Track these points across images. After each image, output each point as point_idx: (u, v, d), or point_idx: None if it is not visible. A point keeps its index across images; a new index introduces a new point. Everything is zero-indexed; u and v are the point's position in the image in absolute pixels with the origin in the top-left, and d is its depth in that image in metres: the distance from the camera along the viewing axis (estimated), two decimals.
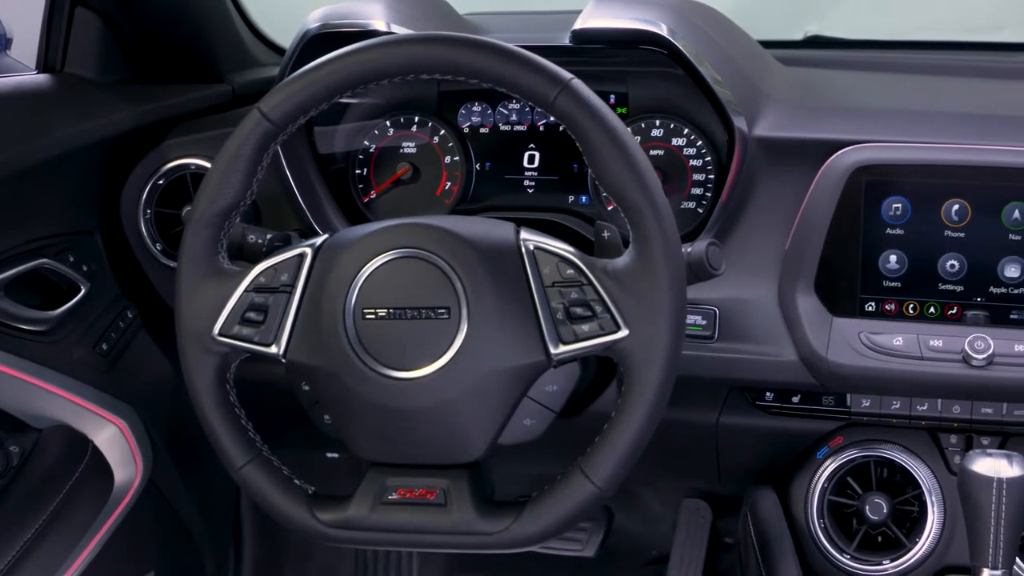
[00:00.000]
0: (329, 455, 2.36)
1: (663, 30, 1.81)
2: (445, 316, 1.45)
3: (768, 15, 2.90)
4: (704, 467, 2.07)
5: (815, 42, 2.49)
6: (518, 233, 1.51)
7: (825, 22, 2.81)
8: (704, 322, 1.83)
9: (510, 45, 1.46)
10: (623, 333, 1.43)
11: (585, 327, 1.44)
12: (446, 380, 1.45)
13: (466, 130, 2.02)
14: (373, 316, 1.47)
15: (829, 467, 1.91)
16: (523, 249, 1.48)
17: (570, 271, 1.46)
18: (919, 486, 1.87)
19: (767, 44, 2.15)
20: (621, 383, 1.46)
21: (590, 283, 1.45)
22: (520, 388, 1.48)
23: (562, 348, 1.45)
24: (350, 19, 1.91)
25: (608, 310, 1.44)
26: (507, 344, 1.45)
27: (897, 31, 2.78)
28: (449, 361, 1.45)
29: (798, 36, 2.51)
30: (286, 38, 2.00)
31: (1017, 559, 1.82)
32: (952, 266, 1.76)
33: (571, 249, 1.48)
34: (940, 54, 2.39)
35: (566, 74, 1.46)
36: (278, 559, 2.61)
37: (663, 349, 1.42)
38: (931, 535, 1.86)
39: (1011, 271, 1.75)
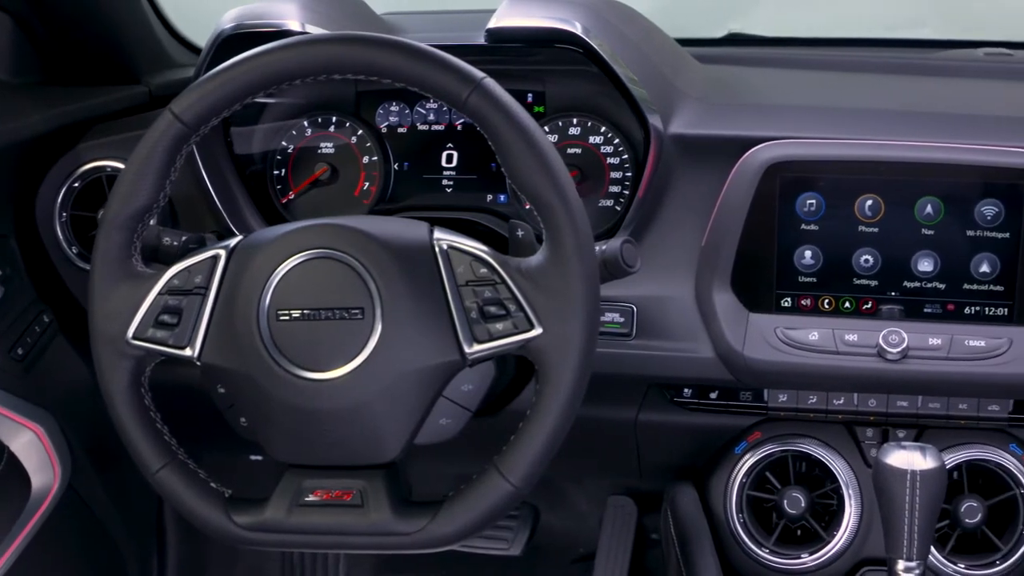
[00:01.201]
0: (253, 458, 2.34)
1: (577, 29, 1.81)
2: (359, 317, 1.45)
3: (691, 13, 2.92)
4: (626, 464, 2.08)
5: (734, 39, 2.50)
6: (432, 233, 1.50)
7: (748, 20, 2.83)
8: (622, 319, 1.83)
9: (422, 44, 1.46)
10: (537, 331, 1.43)
11: (499, 326, 1.44)
12: (361, 381, 1.44)
13: (384, 130, 2.02)
14: (287, 317, 1.46)
15: (747, 462, 1.92)
16: (436, 249, 1.48)
17: (483, 270, 1.46)
18: (836, 480, 1.89)
19: (687, 42, 2.16)
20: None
21: (503, 282, 1.45)
22: (435, 388, 1.48)
23: (476, 347, 1.45)
24: (264, 19, 1.89)
25: (522, 308, 1.44)
26: (421, 344, 1.45)
27: (819, 28, 2.80)
28: (363, 362, 1.44)
29: (720, 34, 2.52)
30: (205, 38, 1.99)
31: (932, 549, 1.84)
32: (866, 261, 1.78)
33: (485, 248, 1.48)
34: (860, 51, 2.41)
35: (478, 73, 1.46)
36: (202, 562, 2.59)
37: (577, 347, 1.43)
38: (848, 528, 1.87)
39: (924, 265, 1.77)
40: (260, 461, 2.34)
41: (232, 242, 1.54)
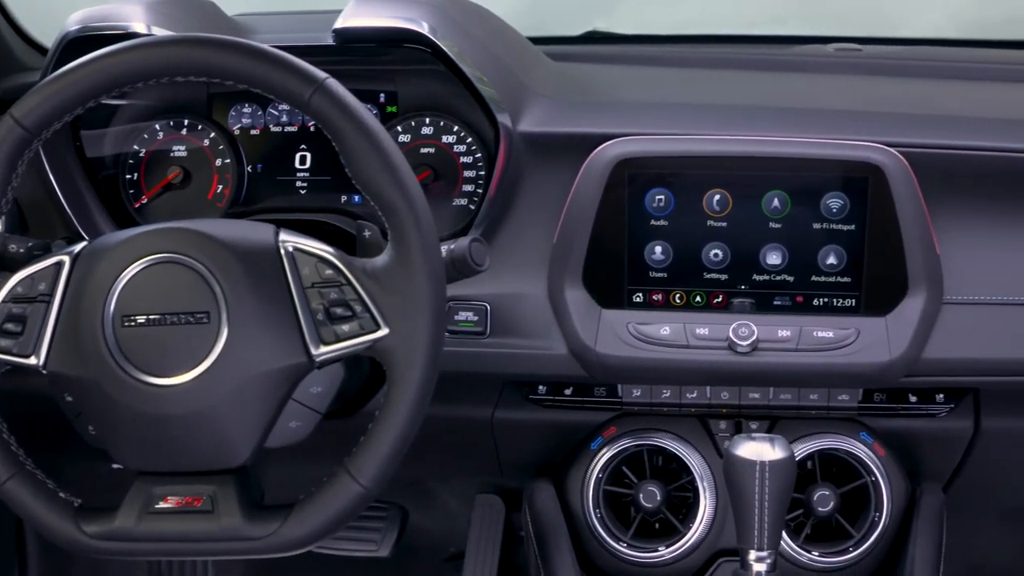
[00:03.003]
0: (115, 466, 2.31)
1: (424, 28, 1.81)
2: (205, 321, 1.44)
3: (553, 12, 2.92)
4: (487, 463, 2.08)
5: (593, 37, 2.51)
6: (278, 235, 1.50)
7: (612, 18, 2.84)
8: (476, 318, 1.83)
9: (263, 45, 1.46)
10: (383, 332, 1.44)
11: (345, 327, 1.45)
12: (208, 385, 1.44)
13: (237, 132, 2.00)
14: (132, 323, 1.45)
15: (604, 457, 1.92)
16: (282, 250, 1.48)
17: (329, 271, 1.46)
18: (692, 473, 1.90)
19: (544, 40, 2.17)
20: None
21: (349, 283, 1.45)
22: (283, 391, 1.48)
23: (323, 349, 1.45)
24: (110, 21, 1.87)
25: (368, 309, 1.44)
26: (268, 347, 1.45)
27: (683, 25, 2.83)
28: (210, 366, 1.44)
29: (581, 32, 2.53)
30: None
31: (787, 538, 1.87)
32: (716, 255, 1.80)
33: (330, 249, 1.48)
34: (717, 47, 2.43)
35: (320, 73, 1.45)
36: (67, 574, 2.55)
37: (423, 346, 1.43)
38: (704, 520, 1.89)
39: (772, 259, 1.79)
40: (122, 469, 2.31)
41: (77, 248, 1.53)
